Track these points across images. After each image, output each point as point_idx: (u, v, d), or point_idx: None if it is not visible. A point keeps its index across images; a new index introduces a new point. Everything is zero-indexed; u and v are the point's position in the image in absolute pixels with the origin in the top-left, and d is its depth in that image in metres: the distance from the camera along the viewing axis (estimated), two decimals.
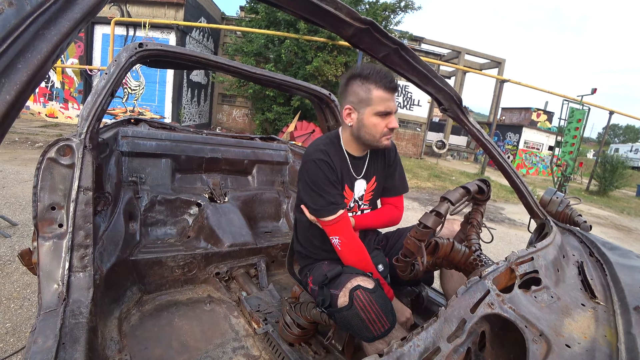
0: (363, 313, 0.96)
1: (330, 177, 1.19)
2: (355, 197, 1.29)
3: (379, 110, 1.14)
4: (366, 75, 1.13)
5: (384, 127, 1.16)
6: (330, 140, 1.27)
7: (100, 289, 1.17)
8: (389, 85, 1.12)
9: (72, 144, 1.02)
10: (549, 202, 1.39)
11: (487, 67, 23.02)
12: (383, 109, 1.13)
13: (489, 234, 1.22)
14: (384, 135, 1.18)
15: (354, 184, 1.29)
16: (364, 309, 0.96)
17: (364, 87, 1.14)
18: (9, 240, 2.72)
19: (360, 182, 1.31)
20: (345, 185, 1.26)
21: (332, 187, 1.19)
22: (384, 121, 1.16)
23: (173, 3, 12.52)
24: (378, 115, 1.15)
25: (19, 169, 4.96)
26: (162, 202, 1.93)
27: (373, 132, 1.18)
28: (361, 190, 1.31)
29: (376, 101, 1.13)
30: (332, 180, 1.19)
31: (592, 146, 36.95)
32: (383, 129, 1.16)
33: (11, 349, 1.64)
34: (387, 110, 1.14)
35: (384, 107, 1.13)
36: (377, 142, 1.20)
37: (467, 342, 0.61)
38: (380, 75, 1.12)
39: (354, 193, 1.29)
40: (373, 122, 1.16)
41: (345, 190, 1.26)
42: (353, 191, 1.29)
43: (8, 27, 0.38)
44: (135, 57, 1.36)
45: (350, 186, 1.28)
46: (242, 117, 17.13)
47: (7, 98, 0.37)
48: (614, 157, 13.18)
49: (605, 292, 0.90)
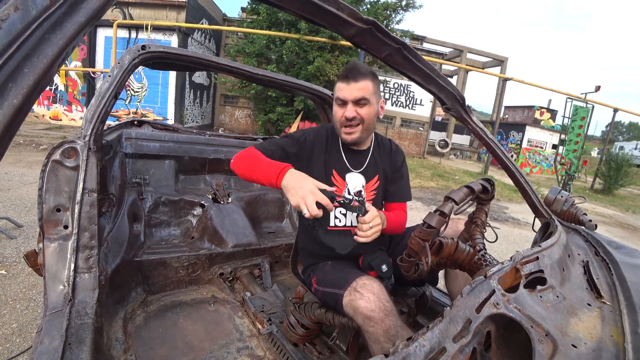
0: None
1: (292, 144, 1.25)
2: (349, 189, 1.29)
3: (335, 97, 1.21)
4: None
5: (341, 116, 1.20)
6: (331, 130, 1.35)
7: (105, 290, 1.18)
8: (343, 74, 1.18)
9: (76, 146, 1.02)
10: (553, 201, 1.38)
11: (490, 66, 22.92)
12: (337, 96, 1.20)
13: (493, 234, 1.22)
14: (342, 125, 1.22)
15: (345, 175, 1.30)
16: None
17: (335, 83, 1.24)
18: (15, 242, 2.74)
19: (357, 176, 1.31)
20: (333, 171, 1.28)
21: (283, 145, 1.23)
22: (341, 110, 1.20)
23: (175, 5, 12.57)
24: (336, 104, 1.22)
25: (23, 171, 5.00)
26: (166, 203, 1.94)
27: (335, 122, 1.25)
28: (358, 185, 1.30)
29: (335, 90, 1.21)
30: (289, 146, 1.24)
31: (596, 144, 36.68)
32: (340, 118, 1.21)
33: (18, 349, 1.66)
34: (339, 97, 1.19)
35: (337, 94, 1.19)
36: (339, 132, 1.25)
37: (472, 342, 0.61)
38: (344, 68, 1.21)
39: (347, 184, 1.29)
40: (334, 111, 1.24)
41: (335, 177, 1.29)
42: (345, 181, 1.30)
43: (14, 32, 0.38)
44: (138, 60, 1.37)
45: (341, 175, 1.29)
46: (245, 118, 17.17)
47: (15, 102, 0.38)
48: (618, 155, 13.07)
49: (611, 292, 0.89)
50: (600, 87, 9.99)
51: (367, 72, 1.18)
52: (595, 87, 9.96)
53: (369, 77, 1.18)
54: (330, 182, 1.27)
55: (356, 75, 1.15)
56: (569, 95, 10.00)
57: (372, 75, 1.19)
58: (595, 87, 9.96)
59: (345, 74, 1.17)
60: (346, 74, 1.17)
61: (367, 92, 1.17)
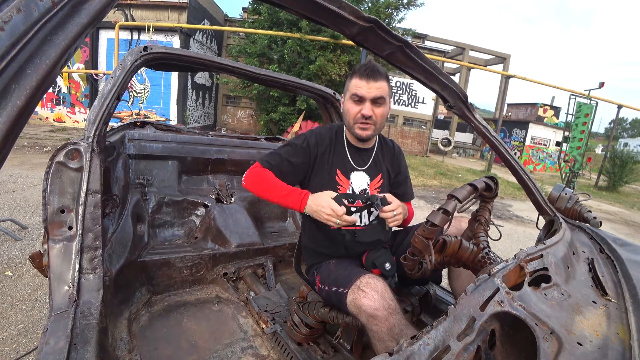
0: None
1: (297, 151, 1.26)
2: (353, 188, 1.30)
3: (351, 94, 1.21)
4: (353, 69, 1.23)
5: (357, 113, 1.21)
6: (335, 129, 1.36)
7: (110, 290, 1.18)
8: (364, 72, 1.18)
9: (80, 148, 1.03)
10: (557, 199, 1.37)
11: (492, 63, 22.81)
12: (354, 92, 1.19)
13: (496, 232, 1.21)
14: (356, 121, 1.23)
15: (350, 174, 1.30)
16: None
17: (349, 78, 1.24)
18: (20, 243, 2.76)
19: (362, 175, 1.31)
20: (337, 171, 1.29)
21: (289, 155, 1.25)
22: (358, 107, 1.21)
23: (176, 6, 12.60)
24: (351, 100, 1.21)
25: (28, 173, 5.03)
26: (169, 204, 1.94)
27: (348, 118, 1.25)
28: (363, 184, 1.31)
29: (352, 87, 1.21)
30: (296, 154, 1.26)
31: (600, 141, 36.35)
32: (356, 115, 1.21)
33: (24, 350, 1.67)
34: (357, 93, 1.19)
35: (355, 90, 1.19)
36: (352, 128, 1.26)
37: (477, 340, 0.61)
38: (360, 65, 1.21)
39: (351, 183, 1.30)
40: (347, 107, 1.24)
41: (339, 176, 1.29)
42: (349, 180, 1.30)
43: (17, 34, 0.38)
44: (140, 61, 1.37)
45: (345, 174, 1.30)
46: (247, 118, 17.19)
47: (18, 103, 0.38)
48: (623, 151, 12.97)
49: (616, 289, 0.89)
50: (604, 84, 9.91)
51: (384, 73, 1.21)
52: (599, 84, 9.89)
53: (385, 78, 1.20)
54: (335, 182, 1.27)
55: (376, 75, 1.17)
56: (573, 92, 9.94)
57: (387, 77, 1.22)
58: (599, 84, 9.89)
59: (366, 72, 1.17)
60: (367, 72, 1.17)
61: (384, 92, 1.19)
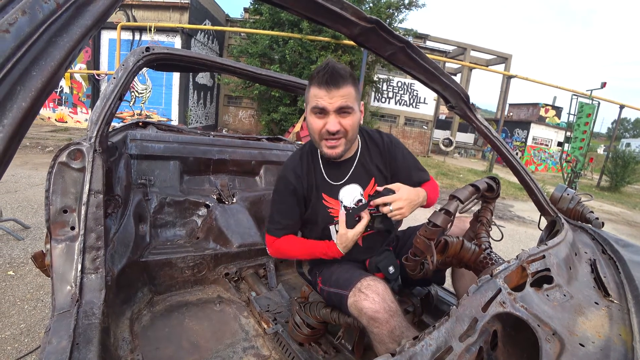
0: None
1: (287, 199, 1.19)
2: (346, 204, 1.20)
3: (312, 106, 1.04)
4: (310, 75, 1.06)
5: (322, 128, 1.05)
6: (307, 149, 1.24)
7: (112, 290, 1.19)
8: (322, 79, 1.00)
9: (82, 148, 1.03)
10: (559, 199, 1.37)
11: (494, 63, 22.78)
12: (315, 105, 1.03)
13: (498, 232, 1.21)
14: (322, 138, 1.07)
15: (337, 192, 1.20)
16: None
17: (308, 85, 1.08)
18: (22, 243, 2.78)
19: (350, 188, 1.21)
20: (322, 194, 1.18)
21: (285, 208, 1.21)
22: (321, 121, 1.04)
23: (178, 6, 12.63)
24: (313, 113, 1.05)
25: (30, 173, 5.05)
26: (171, 204, 1.95)
27: (312, 134, 1.10)
28: (356, 195, 1.21)
29: (311, 98, 1.05)
30: (289, 203, 1.20)
31: (602, 141, 36.25)
32: (320, 130, 1.05)
33: (26, 349, 1.68)
34: (318, 105, 1.02)
35: (316, 102, 1.02)
36: (320, 146, 1.10)
37: (479, 341, 0.61)
38: (317, 70, 1.02)
39: (342, 202, 1.19)
40: (309, 121, 1.07)
41: (326, 200, 1.18)
42: (339, 199, 1.20)
43: (22, 36, 0.38)
44: (142, 61, 1.38)
45: (332, 195, 1.19)
46: (248, 118, 17.22)
47: (23, 105, 0.38)
48: (625, 152, 12.94)
49: (619, 290, 0.88)
50: (606, 84, 9.89)
51: (348, 74, 1.03)
52: (601, 84, 9.87)
53: (349, 80, 1.03)
54: (324, 207, 1.20)
55: (337, 81, 1.00)
56: (574, 92, 9.91)
57: (352, 78, 1.04)
58: (601, 84, 9.87)
59: (325, 79, 1.00)
60: (325, 79, 1.00)
61: (350, 99, 1.03)
